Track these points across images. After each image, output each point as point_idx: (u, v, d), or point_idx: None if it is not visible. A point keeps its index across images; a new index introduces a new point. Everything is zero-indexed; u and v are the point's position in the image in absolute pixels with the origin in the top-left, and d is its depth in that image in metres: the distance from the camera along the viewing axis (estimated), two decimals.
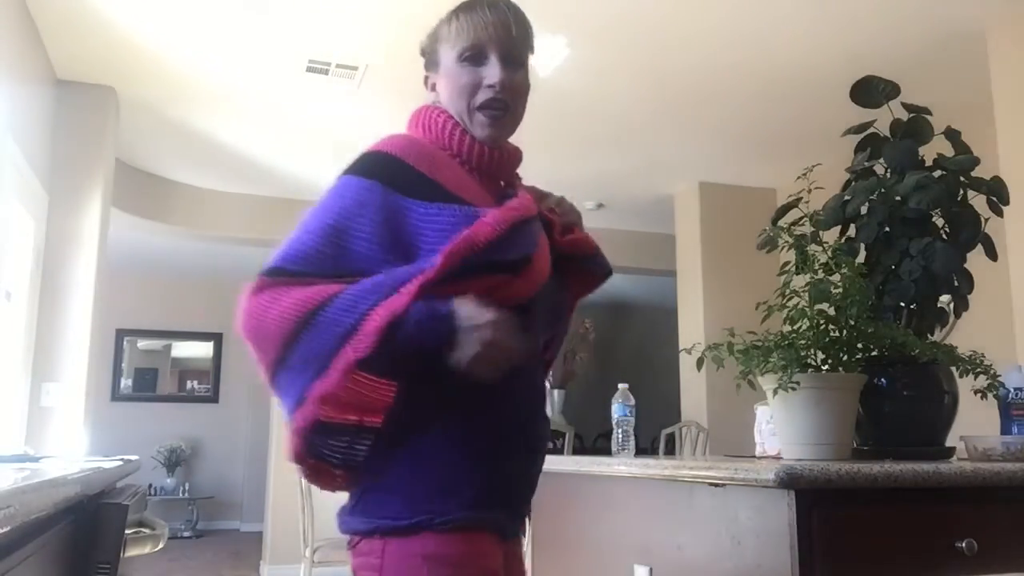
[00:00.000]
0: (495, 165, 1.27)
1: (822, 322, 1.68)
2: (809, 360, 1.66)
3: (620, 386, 2.25)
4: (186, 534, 8.07)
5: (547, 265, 1.24)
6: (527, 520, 1.31)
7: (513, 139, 1.32)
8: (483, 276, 1.13)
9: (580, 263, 1.36)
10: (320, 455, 1.14)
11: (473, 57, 1.24)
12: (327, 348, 1.07)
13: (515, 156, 1.32)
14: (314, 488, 3.03)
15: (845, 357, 1.67)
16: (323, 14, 3.72)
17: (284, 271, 1.12)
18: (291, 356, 1.09)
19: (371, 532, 1.13)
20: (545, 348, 1.34)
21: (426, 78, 1.33)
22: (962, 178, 1.88)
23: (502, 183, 1.30)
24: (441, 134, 1.25)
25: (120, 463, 1.50)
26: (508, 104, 1.25)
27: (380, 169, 1.17)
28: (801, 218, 1.91)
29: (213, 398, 9.00)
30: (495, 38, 1.24)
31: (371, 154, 1.21)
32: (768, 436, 2.06)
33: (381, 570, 1.11)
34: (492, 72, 1.24)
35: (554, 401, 8.80)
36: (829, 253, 1.81)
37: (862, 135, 2.03)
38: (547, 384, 1.37)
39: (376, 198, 1.15)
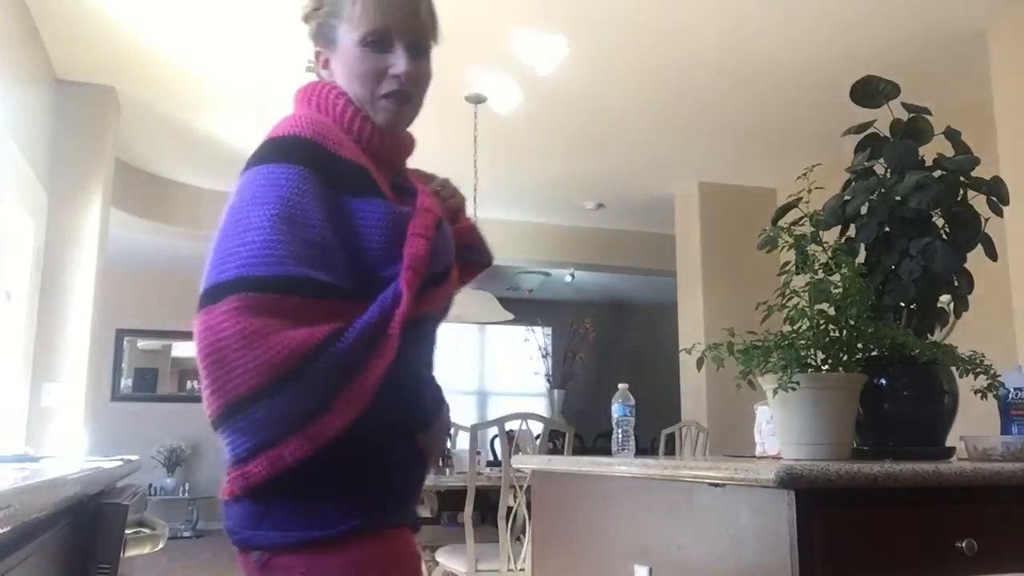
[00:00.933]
0: (393, 153, 1.21)
1: (822, 322, 1.68)
2: (809, 360, 1.66)
3: (620, 386, 2.25)
4: (186, 534, 8.07)
5: (455, 269, 1.20)
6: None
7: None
8: (428, 293, 1.09)
9: (464, 253, 1.29)
10: None
11: (377, 43, 1.15)
12: (310, 408, 0.98)
13: (410, 144, 1.25)
14: None
15: (845, 357, 1.67)
16: None
17: (255, 281, 0.98)
18: (263, 405, 0.96)
19: (290, 547, 1.02)
20: None
21: (317, 53, 1.22)
22: (962, 178, 1.88)
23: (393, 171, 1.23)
24: (340, 117, 1.15)
25: (120, 463, 1.50)
26: (412, 95, 1.18)
27: (306, 155, 1.07)
28: (801, 218, 1.91)
29: None
30: (402, 24, 1.15)
31: (288, 139, 1.09)
32: (768, 436, 2.06)
33: None
34: (398, 62, 1.15)
35: (554, 401, 8.81)
36: (829, 253, 1.81)
37: (862, 135, 2.03)
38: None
39: (312, 186, 1.05)
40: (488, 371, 9.99)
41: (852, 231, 1.96)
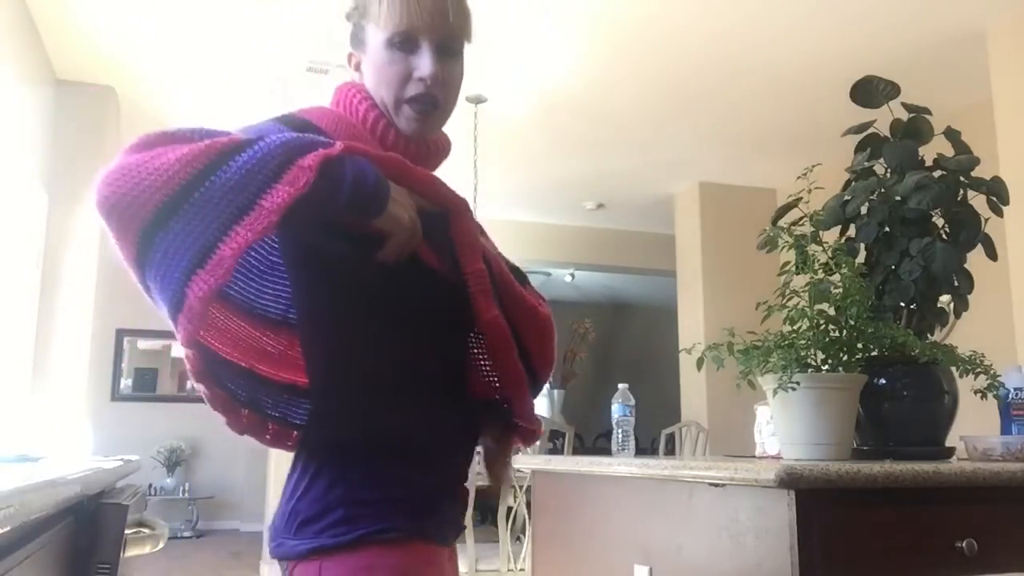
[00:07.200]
0: (420, 161, 1.13)
1: (822, 322, 1.68)
2: (809, 360, 1.66)
3: (620, 386, 2.25)
4: (186, 534, 8.06)
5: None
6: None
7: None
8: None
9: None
10: (258, 405, 1.11)
11: (403, 44, 1.09)
12: (219, 219, 0.89)
13: (442, 148, 1.20)
14: None
15: (845, 357, 1.67)
16: (323, 14, 3.72)
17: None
18: (165, 233, 0.88)
19: (308, 555, 1.01)
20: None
21: (350, 55, 1.18)
22: (962, 178, 1.88)
23: None
24: (363, 120, 1.12)
25: (120, 463, 1.49)
26: (439, 100, 1.12)
27: (300, 131, 1.03)
28: (801, 218, 1.91)
29: None
30: (429, 25, 1.09)
31: (293, 117, 1.09)
32: (768, 436, 2.06)
33: None
34: (424, 63, 1.09)
35: (554, 401, 8.82)
36: (829, 253, 1.81)
37: (862, 135, 2.03)
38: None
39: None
40: None
41: (852, 231, 1.96)
